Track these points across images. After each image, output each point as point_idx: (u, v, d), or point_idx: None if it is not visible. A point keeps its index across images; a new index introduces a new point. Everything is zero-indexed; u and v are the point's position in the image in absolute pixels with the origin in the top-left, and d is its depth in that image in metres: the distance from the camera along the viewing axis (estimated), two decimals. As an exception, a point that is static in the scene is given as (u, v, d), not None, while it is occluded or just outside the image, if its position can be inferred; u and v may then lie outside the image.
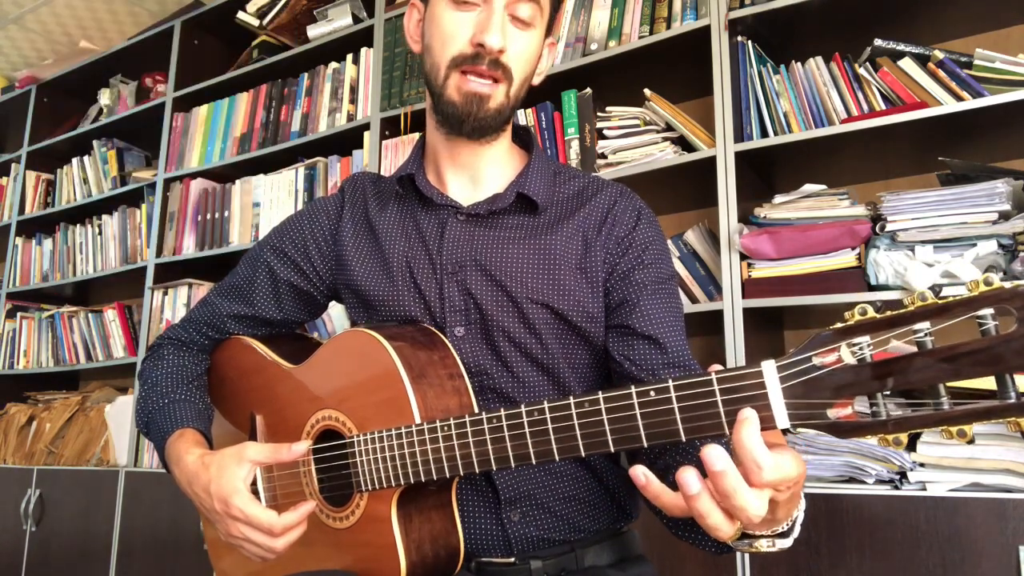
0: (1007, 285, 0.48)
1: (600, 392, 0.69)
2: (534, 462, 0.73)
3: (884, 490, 1.41)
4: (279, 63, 2.54)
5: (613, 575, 0.94)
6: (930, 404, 0.50)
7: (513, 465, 0.74)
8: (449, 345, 0.91)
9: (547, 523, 0.92)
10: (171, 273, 2.69)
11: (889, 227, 1.50)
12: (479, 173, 1.01)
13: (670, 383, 0.64)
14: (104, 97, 3.18)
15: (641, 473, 0.63)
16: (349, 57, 2.40)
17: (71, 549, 2.55)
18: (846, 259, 1.55)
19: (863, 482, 1.44)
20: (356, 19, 2.40)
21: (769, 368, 0.56)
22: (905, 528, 1.35)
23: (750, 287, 1.63)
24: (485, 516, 0.91)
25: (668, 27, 1.83)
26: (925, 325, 0.50)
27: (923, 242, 1.48)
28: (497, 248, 0.96)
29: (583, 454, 0.69)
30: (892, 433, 0.52)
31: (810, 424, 0.55)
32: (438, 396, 0.84)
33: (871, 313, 0.51)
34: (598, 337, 0.95)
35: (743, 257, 1.65)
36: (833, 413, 0.53)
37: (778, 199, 1.68)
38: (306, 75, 2.50)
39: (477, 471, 0.76)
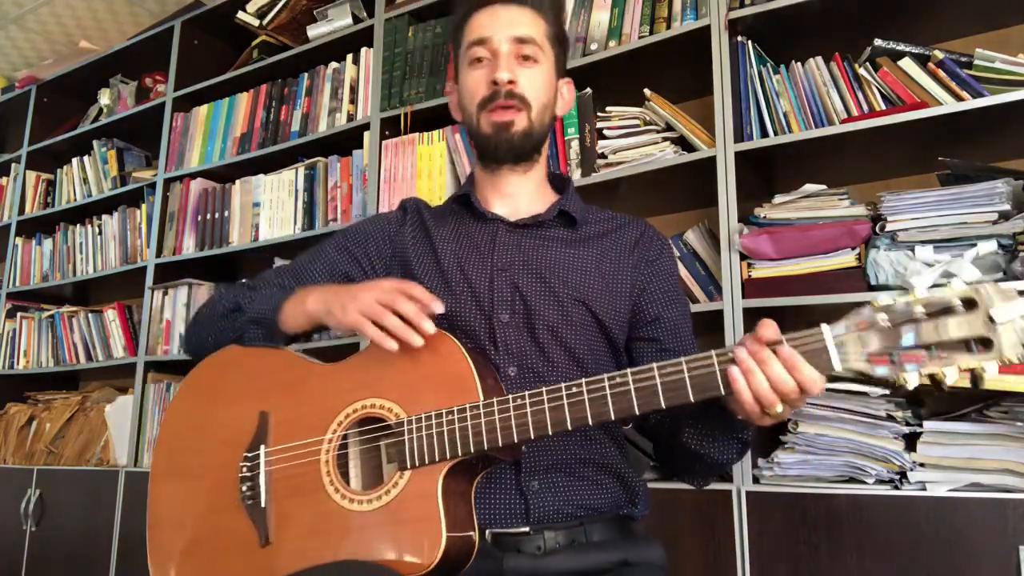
0: (970, 288, 0.73)
1: (655, 365, 0.86)
2: (590, 422, 0.87)
3: (884, 490, 1.41)
4: (279, 63, 2.54)
5: (622, 547, 1.02)
6: (925, 355, 0.74)
7: (566, 428, 0.87)
8: (490, 363, 1.04)
9: (562, 494, 1.01)
10: (171, 273, 2.69)
11: (889, 227, 1.50)
12: (520, 201, 1.18)
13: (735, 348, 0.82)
14: (104, 97, 3.18)
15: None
16: (349, 57, 2.40)
17: (71, 549, 2.55)
18: (846, 259, 1.55)
19: (863, 482, 1.44)
20: (356, 19, 2.40)
21: (825, 329, 0.79)
22: (905, 528, 1.35)
23: (750, 287, 1.63)
24: (507, 486, 1.00)
25: (668, 27, 1.83)
26: (920, 309, 0.74)
27: (923, 242, 1.48)
28: (542, 251, 1.13)
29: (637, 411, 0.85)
30: (898, 370, 0.75)
31: (849, 366, 0.77)
32: (493, 387, 0.95)
33: (890, 301, 0.76)
34: (619, 337, 1.11)
35: (743, 257, 1.65)
36: (864, 359, 0.76)
37: (778, 199, 1.68)
38: (306, 75, 2.50)
39: (532, 436, 0.88)
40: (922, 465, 1.40)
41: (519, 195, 1.18)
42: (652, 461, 1.71)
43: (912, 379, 0.74)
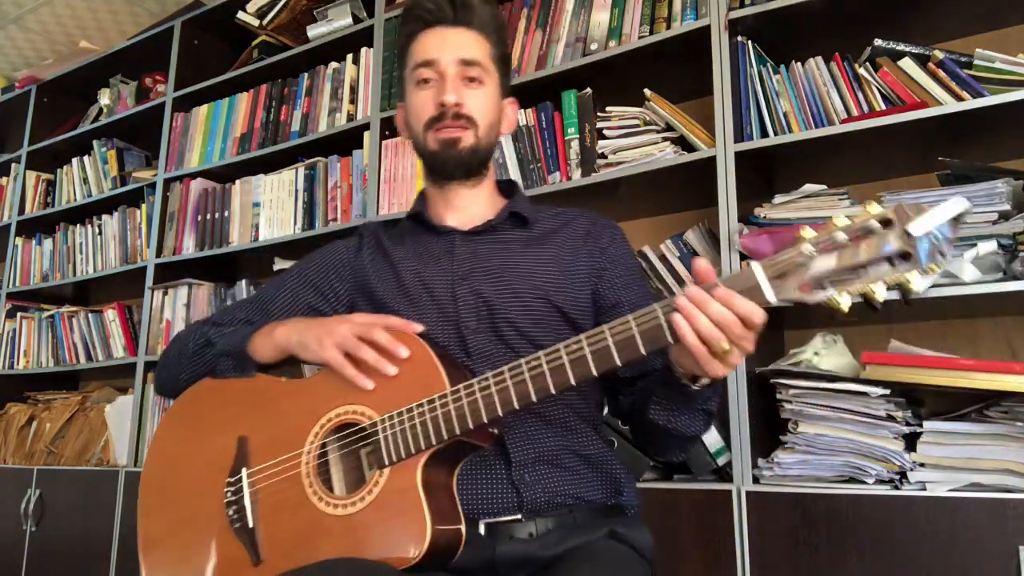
0: (886, 207, 0.76)
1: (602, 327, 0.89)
2: (553, 391, 0.90)
3: (884, 490, 1.41)
4: (279, 63, 2.54)
5: (609, 523, 1.04)
6: (852, 276, 0.77)
7: (550, 393, 0.90)
8: (458, 357, 1.06)
9: (552, 484, 1.03)
10: (171, 273, 2.69)
11: (889, 227, 1.50)
12: (472, 211, 1.20)
13: (678, 291, 0.89)
14: (104, 97, 3.18)
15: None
16: (349, 57, 2.40)
17: (71, 549, 2.55)
18: (846, 259, 1.55)
19: (863, 482, 1.44)
20: (356, 19, 2.40)
21: (756, 265, 0.83)
22: (905, 528, 1.35)
23: (750, 287, 1.63)
24: (499, 479, 1.02)
25: (668, 27, 1.83)
26: (843, 234, 0.78)
27: (923, 242, 1.47)
28: (500, 254, 1.15)
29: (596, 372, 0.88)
30: (831, 295, 0.78)
31: (783, 298, 0.81)
32: (457, 376, 0.96)
33: (814, 233, 0.81)
34: (585, 326, 1.11)
35: (743, 257, 1.65)
36: (797, 288, 0.80)
37: (778, 199, 1.68)
38: (306, 75, 2.50)
39: (500, 413, 0.91)
40: (922, 465, 1.40)
41: (470, 207, 1.20)
42: (652, 461, 1.71)
43: (844, 300, 0.78)
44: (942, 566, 1.31)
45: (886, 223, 0.75)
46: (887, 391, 1.45)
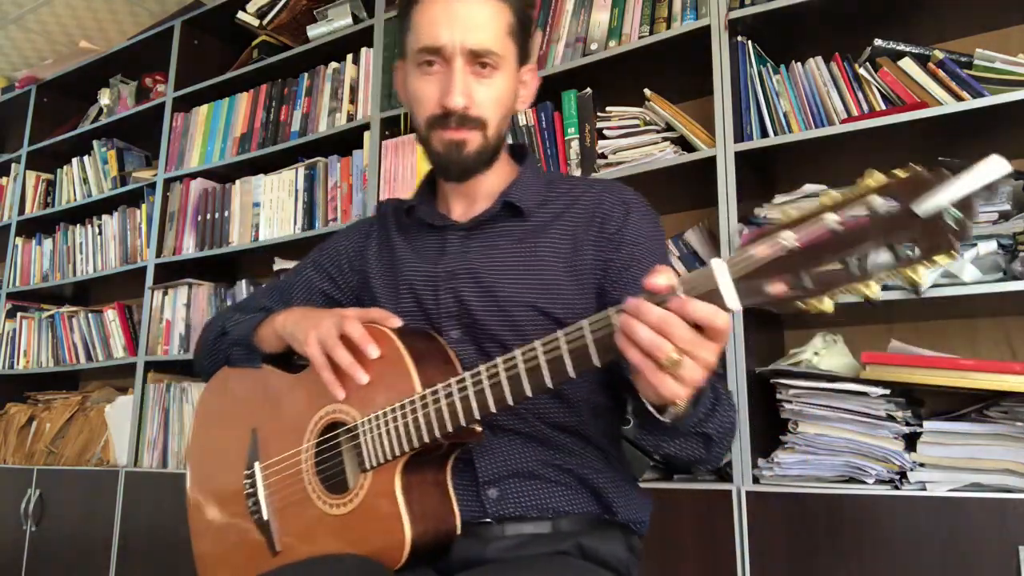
0: (889, 178, 0.62)
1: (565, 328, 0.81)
2: (529, 394, 0.83)
3: (884, 490, 1.41)
4: (279, 63, 2.54)
5: (584, 536, 0.96)
6: (842, 271, 0.61)
7: (507, 404, 0.84)
8: (442, 340, 1.00)
9: (523, 501, 0.96)
10: (171, 273, 2.69)
11: (889, 227, 1.50)
12: (477, 192, 1.09)
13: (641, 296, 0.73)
14: (104, 97, 3.18)
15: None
16: (349, 57, 2.40)
17: (71, 549, 2.55)
18: (846, 259, 1.55)
19: (863, 482, 1.44)
20: (356, 19, 2.40)
21: (718, 263, 0.68)
22: (905, 528, 1.35)
23: (750, 287, 1.63)
24: (467, 493, 0.97)
25: (668, 27, 1.83)
26: (833, 216, 0.62)
27: (923, 242, 1.47)
28: (487, 255, 1.03)
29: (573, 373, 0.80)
30: (815, 296, 0.63)
31: (753, 302, 0.66)
32: (436, 374, 0.92)
33: (792, 214, 0.65)
34: None
35: (743, 257, 1.65)
36: (771, 289, 0.65)
37: (778, 199, 1.68)
38: (306, 75, 2.50)
39: (478, 416, 0.86)
40: (922, 465, 1.40)
41: (477, 191, 1.09)
42: (652, 461, 1.70)
43: (827, 305, 0.63)
44: (942, 566, 1.31)
45: (889, 196, 0.60)
46: (887, 391, 1.45)
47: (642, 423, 0.85)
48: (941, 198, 0.57)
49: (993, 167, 0.57)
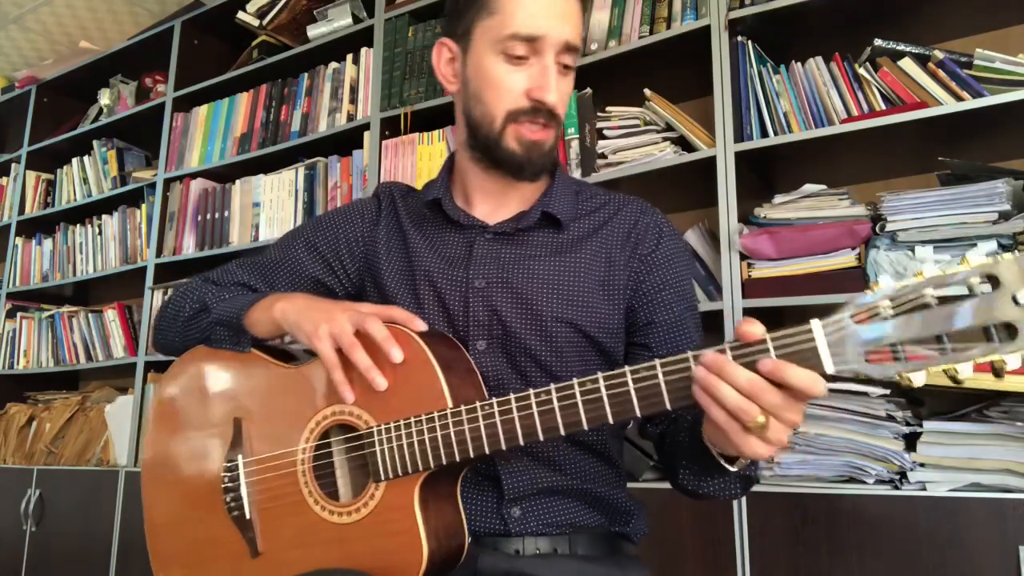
0: (990, 259, 0.61)
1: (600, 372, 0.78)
2: (562, 431, 0.79)
3: (884, 490, 1.41)
4: (279, 63, 2.54)
5: (605, 564, 0.96)
6: (936, 349, 0.62)
7: (538, 438, 0.80)
8: (464, 350, 0.95)
9: (545, 517, 0.95)
10: (171, 273, 2.69)
11: (889, 227, 1.50)
12: (509, 195, 1.05)
13: (726, 346, 0.71)
14: (104, 97, 3.18)
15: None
16: (349, 57, 2.40)
17: (71, 549, 2.55)
18: (846, 259, 1.55)
19: (863, 482, 1.44)
20: (356, 19, 2.40)
21: (816, 325, 0.67)
22: (905, 528, 1.35)
23: (750, 287, 1.63)
24: (487, 507, 0.95)
25: (668, 27, 1.83)
26: (931, 291, 0.63)
27: (923, 242, 1.48)
28: (523, 265, 0.99)
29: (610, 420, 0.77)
30: (908, 371, 0.64)
31: (848, 369, 0.66)
32: (462, 386, 0.88)
33: (894, 285, 0.65)
34: (618, 352, 1.00)
35: (743, 257, 1.65)
36: (867, 359, 0.65)
37: (778, 199, 1.68)
38: (306, 75, 2.50)
39: (504, 447, 0.82)
40: (922, 465, 1.40)
41: (507, 191, 1.05)
42: (652, 461, 1.71)
43: (918, 379, 0.63)
44: (942, 566, 1.31)
45: (990, 281, 0.59)
46: (887, 391, 1.45)
47: (689, 463, 0.87)
48: None
49: None
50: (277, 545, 0.95)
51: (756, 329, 0.69)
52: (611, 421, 0.77)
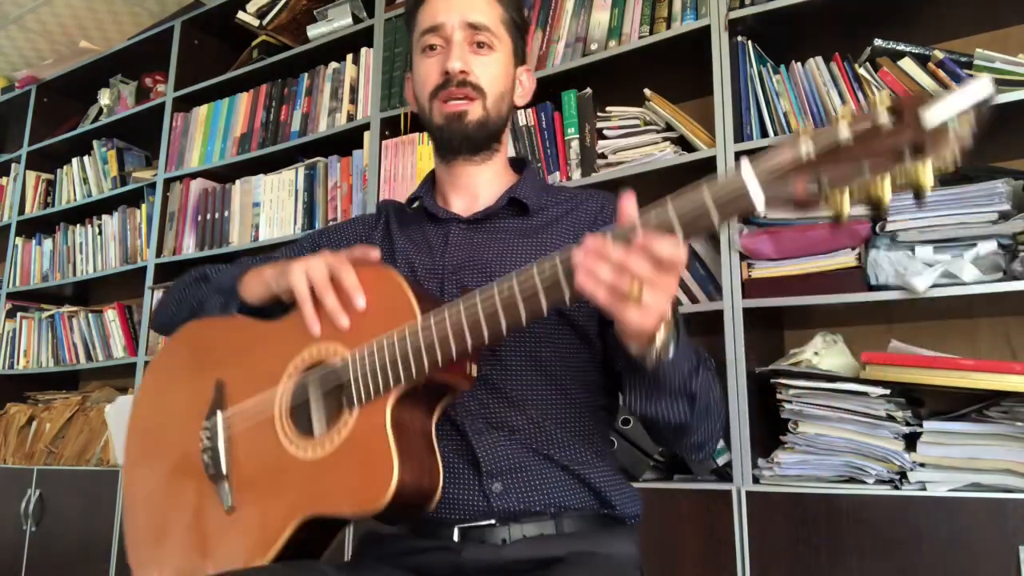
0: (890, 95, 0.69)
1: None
2: (523, 324, 0.82)
3: (884, 490, 1.41)
4: (279, 63, 2.54)
5: (592, 538, 0.97)
6: (856, 169, 0.68)
7: (502, 330, 0.82)
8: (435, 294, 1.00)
9: (527, 496, 0.96)
10: (171, 273, 2.69)
11: (889, 227, 1.50)
12: (478, 191, 1.13)
13: (668, 202, 0.80)
14: (104, 97, 3.18)
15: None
16: (349, 57, 2.40)
17: (71, 549, 2.55)
18: (846, 259, 1.55)
19: (863, 482, 1.44)
20: (356, 19, 2.40)
21: (746, 166, 0.73)
22: (905, 528, 1.35)
23: (750, 287, 1.63)
24: (468, 485, 0.97)
25: (668, 27, 1.83)
26: (845, 127, 0.69)
27: (923, 242, 1.48)
28: (493, 247, 1.06)
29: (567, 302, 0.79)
30: (832, 190, 0.70)
31: (777, 205, 0.72)
32: (427, 302, 0.90)
33: (812, 130, 0.71)
34: (587, 325, 1.03)
35: (743, 257, 1.65)
36: (793, 190, 0.71)
37: (778, 199, 1.68)
38: (306, 75, 2.50)
39: (470, 344, 0.83)
40: (922, 465, 1.40)
41: (477, 186, 1.13)
42: (652, 461, 1.71)
43: (846, 206, 0.70)
44: (942, 566, 1.31)
45: (896, 113, 0.66)
46: (887, 391, 1.45)
47: (632, 382, 0.91)
48: (943, 110, 0.63)
49: (982, 86, 0.64)
50: (251, 496, 0.94)
51: (630, 210, 0.78)
52: (545, 312, 0.80)
